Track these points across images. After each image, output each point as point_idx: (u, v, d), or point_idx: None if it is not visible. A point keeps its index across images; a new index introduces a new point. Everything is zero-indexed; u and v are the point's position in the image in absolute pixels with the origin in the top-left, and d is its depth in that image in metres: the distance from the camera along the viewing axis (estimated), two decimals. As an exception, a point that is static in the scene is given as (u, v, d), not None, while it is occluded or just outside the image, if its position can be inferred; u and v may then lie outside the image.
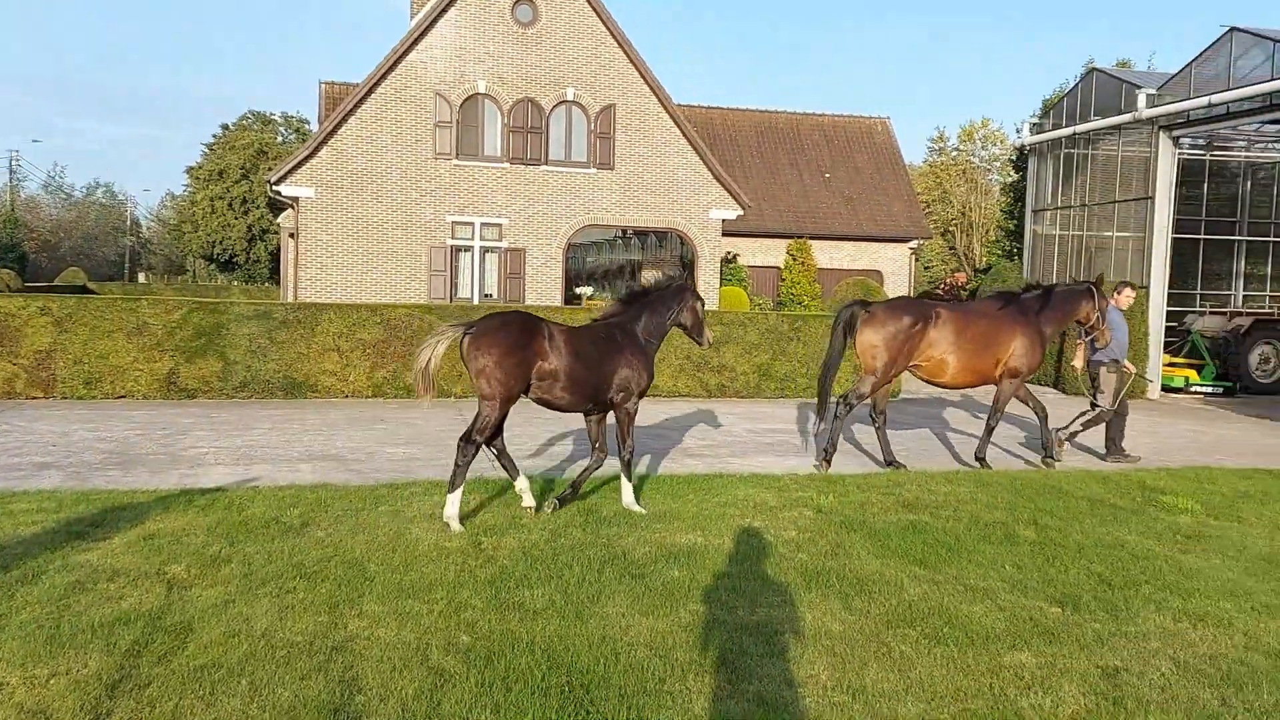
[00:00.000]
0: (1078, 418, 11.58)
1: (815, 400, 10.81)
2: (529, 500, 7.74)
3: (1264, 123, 20.72)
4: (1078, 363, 11.65)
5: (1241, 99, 17.33)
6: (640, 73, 24.44)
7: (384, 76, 23.19)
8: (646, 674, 4.61)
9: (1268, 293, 25.19)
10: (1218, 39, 18.03)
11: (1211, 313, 23.17)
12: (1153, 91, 19.36)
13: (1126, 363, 11.43)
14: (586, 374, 7.59)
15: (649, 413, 14.63)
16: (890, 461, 10.42)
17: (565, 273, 25.09)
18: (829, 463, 10.20)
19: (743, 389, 17.01)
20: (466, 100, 23.70)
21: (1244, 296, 25.04)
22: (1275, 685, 4.65)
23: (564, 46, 24.11)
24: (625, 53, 24.30)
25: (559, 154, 24.24)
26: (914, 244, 35.29)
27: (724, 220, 25.34)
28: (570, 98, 24.16)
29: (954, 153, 51.66)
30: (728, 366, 16.95)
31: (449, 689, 4.39)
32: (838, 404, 10.43)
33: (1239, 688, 4.63)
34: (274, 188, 23.30)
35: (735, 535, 7.19)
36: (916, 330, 10.17)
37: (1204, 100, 17.91)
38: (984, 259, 39.92)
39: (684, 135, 24.80)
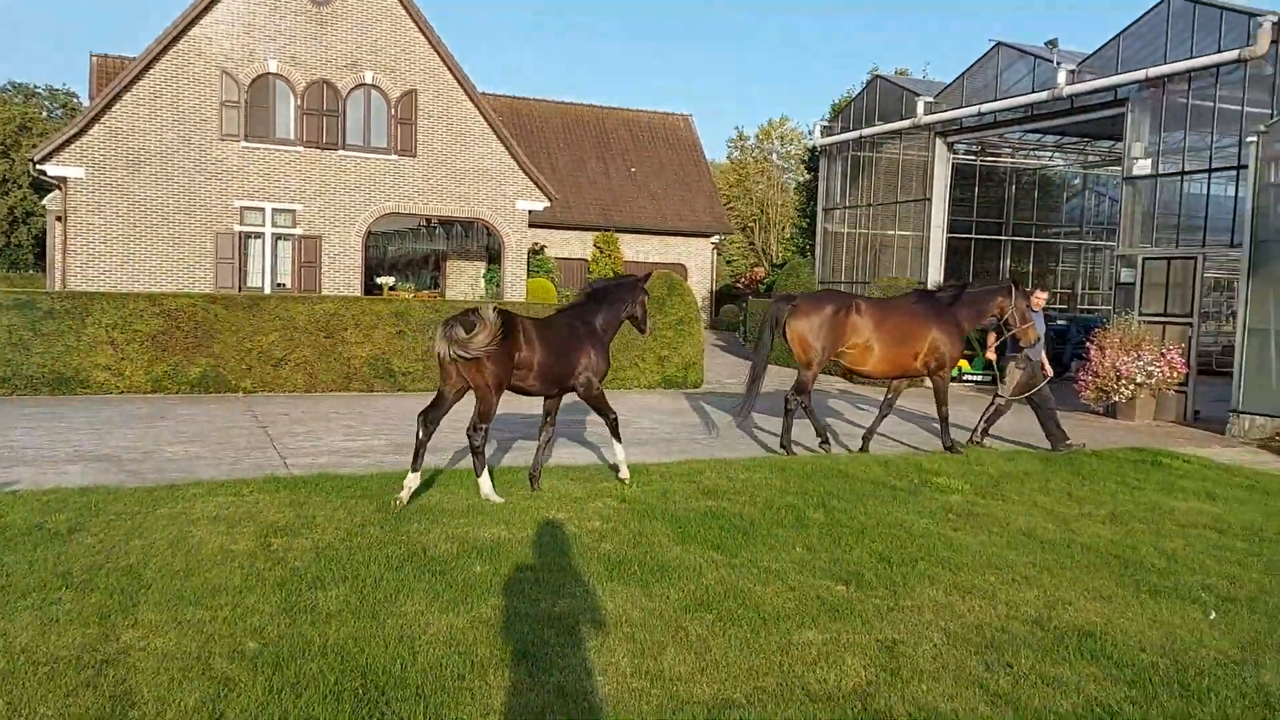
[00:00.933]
0: (981, 416, 12.39)
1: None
2: (493, 496, 8.00)
3: (1026, 131, 22.58)
4: (990, 354, 12.23)
5: (1006, 109, 18.81)
6: (442, 58, 23.96)
7: (164, 51, 21.71)
8: (445, 671, 4.53)
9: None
10: (986, 53, 19.50)
11: (981, 307, 25.07)
12: (930, 99, 20.72)
13: (1046, 364, 12.13)
14: (554, 363, 8.32)
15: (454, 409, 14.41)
16: (786, 445, 11.12)
17: (365, 262, 24.31)
18: (829, 443, 11.25)
19: (548, 381, 17.01)
20: (256, 80, 22.52)
21: (1009, 292, 27.23)
22: (1031, 650, 5.07)
23: (362, 28, 23.31)
24: (426, 37, 23.76)
25: (357, 139, 23.44)
26: (716, 239, 36.33)
27: (530, 211, 25.25)
28: (369, 81, 23.41)
29: (754, 151, 53.57)
30: (533, 358, 16.90)
31: (233, 698, 4.17)
32: (786, 403, 11.14)
33: (1000, 653, 5.02)
34: (38, 167, 21.39)
35: (540, 528, 7.18)
36: (840, 318, 10.89)
37: (974, 109, 19.33)
38: (780, 255, 41.57)
39: (489, 124, 24.52)
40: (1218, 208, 15.64)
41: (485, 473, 8.09)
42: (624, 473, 8.90)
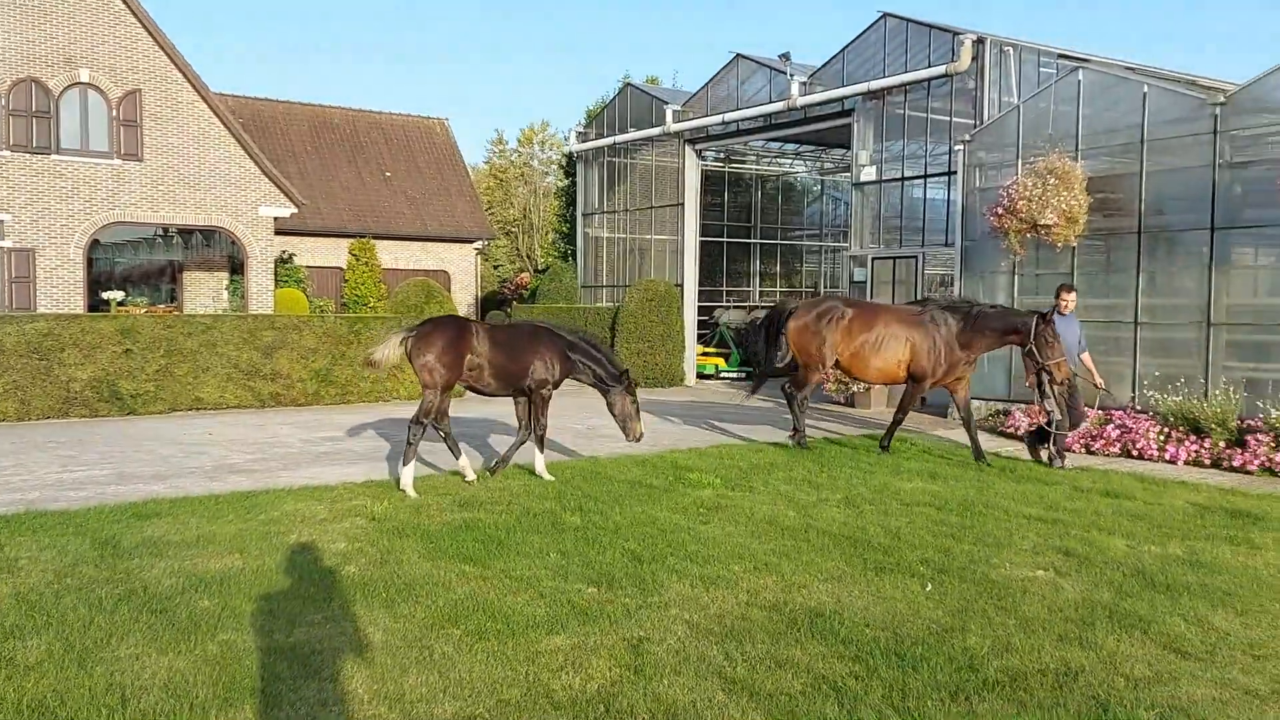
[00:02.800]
0: (1049, 443, 11.14)
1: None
2: (470, 475, 9.53)
3: (768, 139, 23.80)
4: (1029, 382, 11.17)
5: (747, 118, 19.72)
6: (170, 56, 22.34)
7: None
8: (158, 719, 4.17)
9: (778, 289, 28.97)
10: (727, 64, 20.37)
11: (734, 307, 26.22)
12: (678, 108, 21.41)
13: (1095, 372, 11.36)
14: (508, 364, 9.41)
15: (179, 428, 13.46)
16: (798, 436, 11.96)
17: (88, 276, 22.28)
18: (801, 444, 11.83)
19: (300, 397, 16.23)
20: (-50, 75, 20.13)
21: (760, 292, 28.59)
22: (767, 634, 5.29)
23: (75, 22, 21.34)
24: (150, 34, 22.07)
25: (74, 143, 21.44)
26: (479, 244, 35.95)
27: (276, 218, 23.99)
28: (85, 80, 21.47)
29: (513, 155, 53.49)
30: (282, 374, 16.07)
31: (-103, 779, 3.65)
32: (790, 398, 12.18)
33: (739, 641, 5.20)
34: None
35: (279, 554, 6.79)
36: (830, 323, 11.62)
37: (719, 118, 20.14)
38: (544, 260, 41.73)
39: (226, 127, 23.10)
40: (935, 210, 17.05)
41: (410, 465, 9.09)
42: (547, 475, 9.69)
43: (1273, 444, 10.89)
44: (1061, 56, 15.84)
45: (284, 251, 28.01)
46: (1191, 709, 4.32)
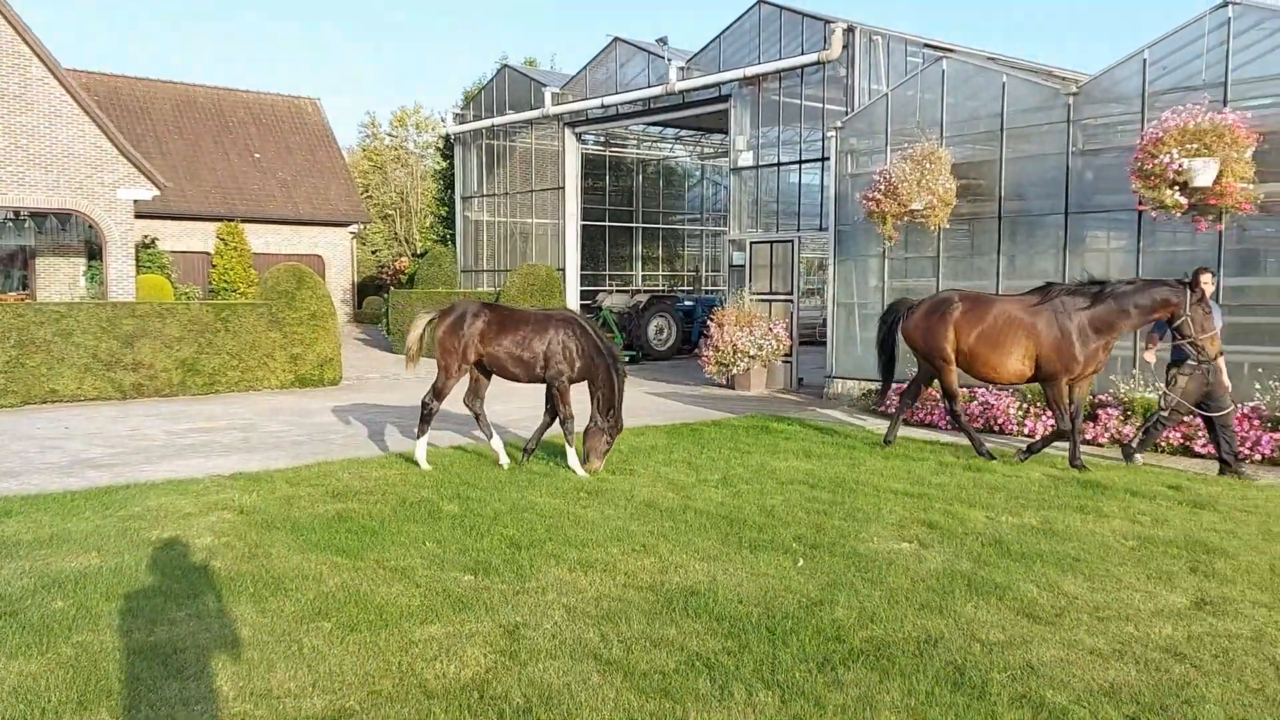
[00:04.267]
0: (1140, 428, 10.48)
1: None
2: (504, 459, 9.67)
3: (648, 124, 23.90)
4: (1149, 355, 10.23)
5: (626, 102, 19.75)
6: (16, 30, 21.02)
7: None
8: (5, 729, 3.97)
9: (660, 273, 29.20)
10: (605, 47, 20.35)
11: (617, 291, 26.30)
12: (557, 90, 21.29)
13: (1224, 375, 9.72)
14: (520, 351, 9.47)
15: (32, 422, 12.79)
16: (979, 447, 10.44)
17: (-71, 262, 20.84)
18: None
19: (164, 387, 15.56)
20: None
21: (642, 276, 28.76)
22: (642, 614, 5.35)
23: (-92, -12, 19.86)
24: (-4, 3, 20.71)
25: (-91, 119, 19.98)
26: (355, 228, 35.08)
27: (137, 201, 22.87)
28: (-78, 51, 20.01)
29: (387, 137, 52.26)
30: (145, 363, 15.38)
31: None
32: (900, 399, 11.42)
33: (616, 622, 5.24)
34: None
35: (139, 551, 6.52)
36: (941, 317, 10.44)
37: (598, 101, 20.12)
38: (422, 244, 40.98)
39: (79, 104, 21.87)
40: (810, 195, 17.44)
41: (423, 439, 9.61)
42: (580, 471, 9.34)
43: (1121, 417, 11.55)
44: (927, 46, 16.37)
45: (146, 236, 26.79)
46: (1040, 669, 4.57)
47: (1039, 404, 12.29)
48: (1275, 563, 6.25)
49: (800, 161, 17.17)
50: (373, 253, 45.42)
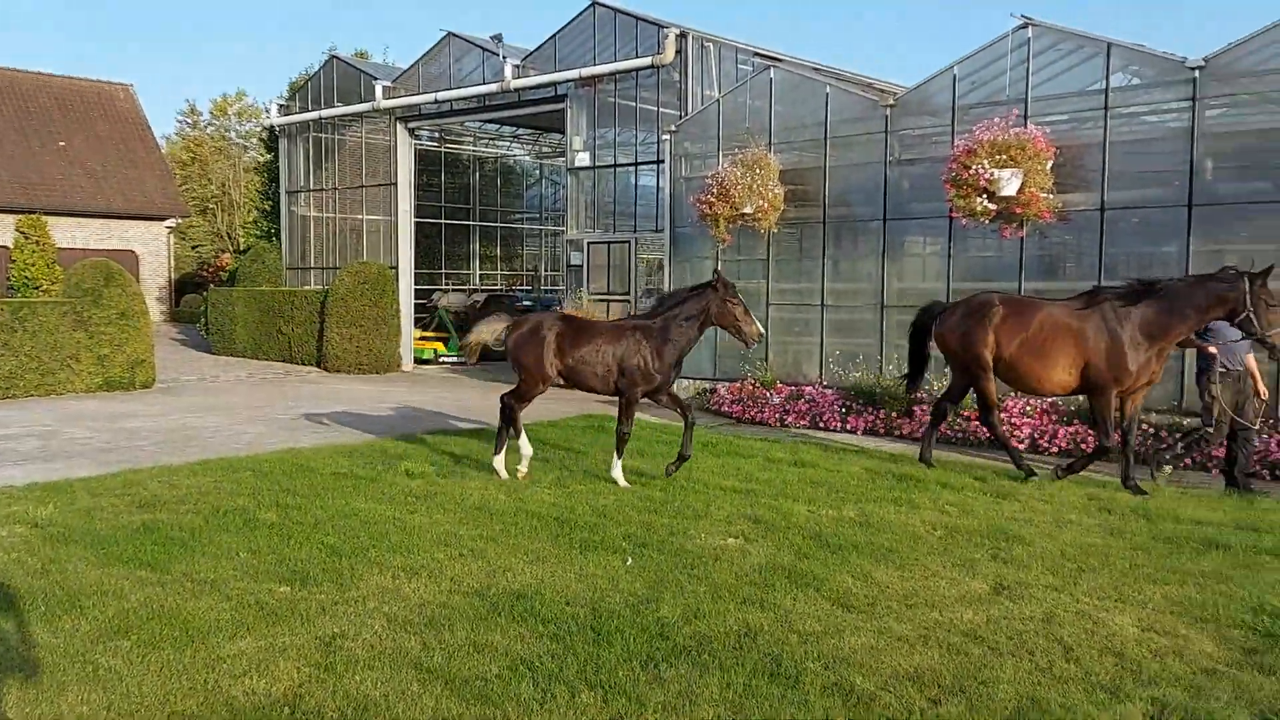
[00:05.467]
0: (1178, 443, 9.51)
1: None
2: (523, 467, 9.24)
3: (484, 121, 23.60)
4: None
5: (461, 98, 19.44)
6: None
7: None
8: None
9: (499, 272, 28.91)
10: (438, 42, 19.96)
11: (454, 290, 25.87)
12: (388, 84, 20.74)
13: (1259, 379, 9.11)
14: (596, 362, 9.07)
15: None
16: (1023, 468, 9.42)
17: None
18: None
19: (-49, 392, 14.29)
20: None
21: (480, 275, 28.39)
22: (468, 621, 5.25)
23: None
24: None
25: None
26: (172, 222, 33.21)
27: (-80, 190, 20.93)
28: None
29: (208, 127, 49.68)
30: (-73, 366, 14.08)
31: None
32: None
33: (439, 629, 5.13)
34: None
35: (-89, 571, 5.94)
36: (980, 321, 9.44)
37: (431, 96, 19.72)
38: (245, 240, 39.17)
39: None
40: (647, 196, 17.61)
41: (502, 451, 9.35)
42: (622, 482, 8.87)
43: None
44: (757, 55, 16.80)
45: (-68, 227, 24.55)
46: (852, 657, 4.74)
47: (860, 400, 12.83)
48: (1065, 548, 6.71)
49: (636, 164, 17.33)
50: (193, 248, 43.11)
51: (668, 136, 15.70)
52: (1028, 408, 11.48)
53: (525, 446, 9.40)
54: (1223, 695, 4.28)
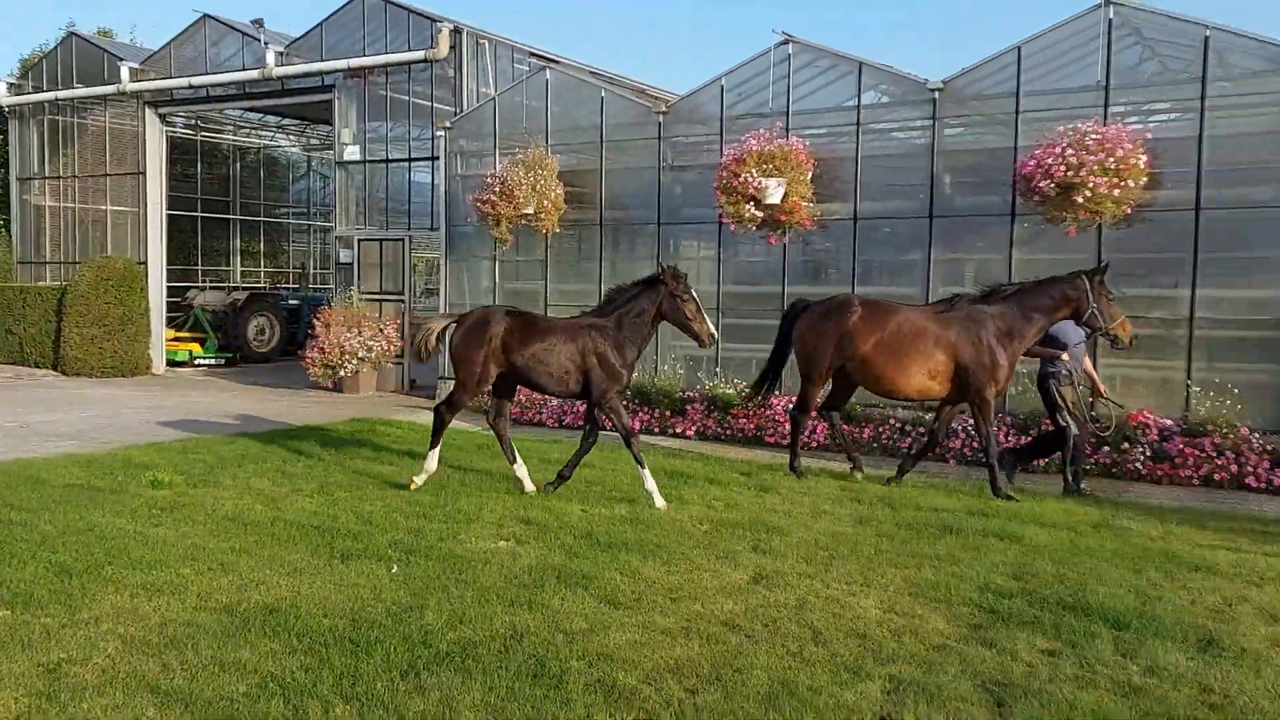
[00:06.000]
0: (1064, 460, 9.32)
1: None
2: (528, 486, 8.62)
3: (246, 109, 22.32)
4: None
5: (219, 84, 18.32)
6: None
7: None
8: None
9: (263, 269, 27.43)
10: (193, 23, 18.70)
11: (212, 288, 24.34)
12: (136, 66, 19.24)
13: (1096, 376, 9.67)
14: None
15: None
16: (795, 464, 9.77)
17: None
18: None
19: None
20: None
21: (241, 272, 26.83)
22: (214, 638, 4.91)
23: None
24: None
25: None
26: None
27: None
28: None
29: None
30: None
31: None
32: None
33: (182, 649, 4.77)
34: None
35: None
36: (834, 322, 9.26)
37: (185, 81, 18.45)
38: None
39: None
40: (421, 193, 17.21)
41: (435, 452, 8.78)
42: (658, 501, 8.11)
43: (705, 411, 12.57)
44: (533, 55, 16.80)
45: None
46: (616, 653, 4.78)
47: (635, 400, 13.06)
48: (819, 538, 7.08)
49: (410, 159, 16.90)
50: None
51: (442, 133, 15.41)
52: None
53: (520, 468, 8.82)
54: (951, 669, 4.62)
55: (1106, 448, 10.10)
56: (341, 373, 16.17)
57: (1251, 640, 5.06)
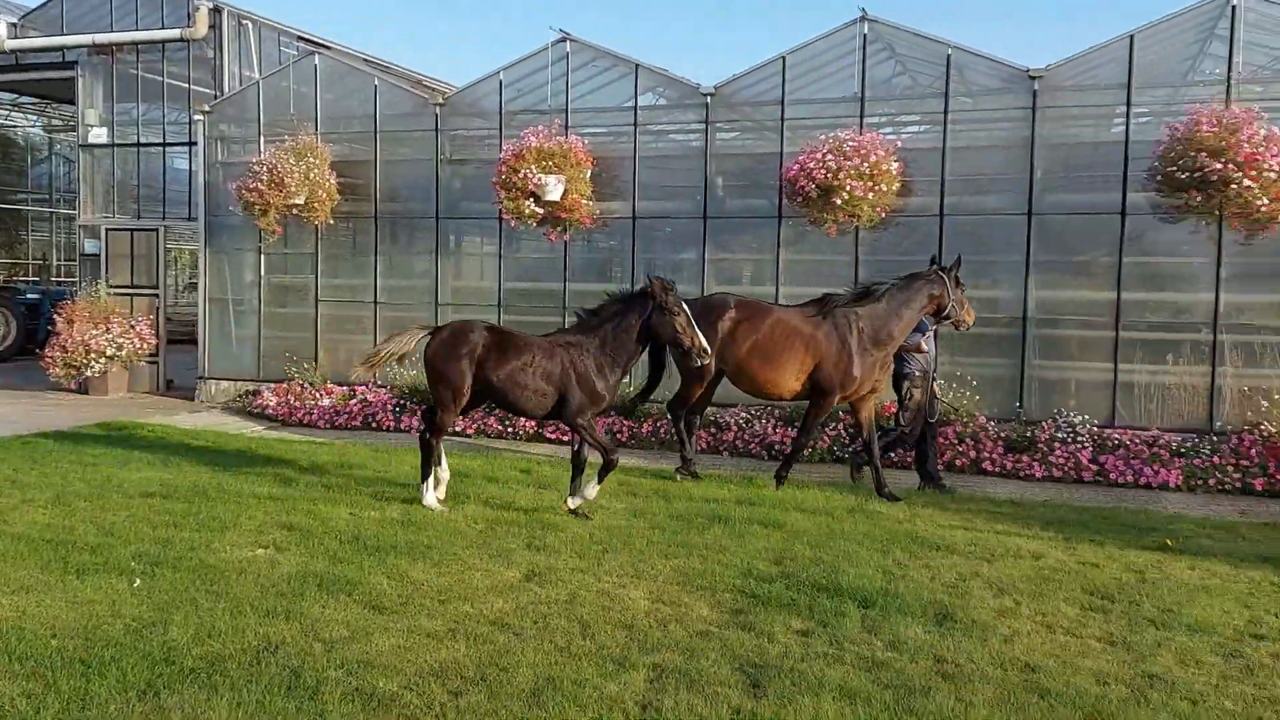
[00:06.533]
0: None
1: None
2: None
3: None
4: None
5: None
6: None
7: None
8: None
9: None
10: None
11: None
12: None
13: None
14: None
15: None
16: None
17: None
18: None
19: None
20: None
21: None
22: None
23: None
24: None
25: None
26: None
27: None
28: None
29: None
30: None
31: None
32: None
33: None
34: None
35: None
36: (711, 323, 8.89)
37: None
38: None
39: None
40: (179, 181, 16.06)
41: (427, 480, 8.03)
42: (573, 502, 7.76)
43: (486, 409, 12.41)
44: (302, 39, 16.05)
45: None
46: (377, 660, 4.62)
47: (415, 400, 12.73)
48: (594, 532, 7.13)
49: (165, 144, 15.75)
50: None
51: (201, 117, 14.47)
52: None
53: (444, 471, 8.18)
54: (712, 654, 4.76)
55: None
56: (88, 373, 14.87)
57: (981, 612, 5.51)
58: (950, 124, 11.39)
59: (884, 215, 10.99)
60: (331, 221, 13.64)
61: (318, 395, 13.34)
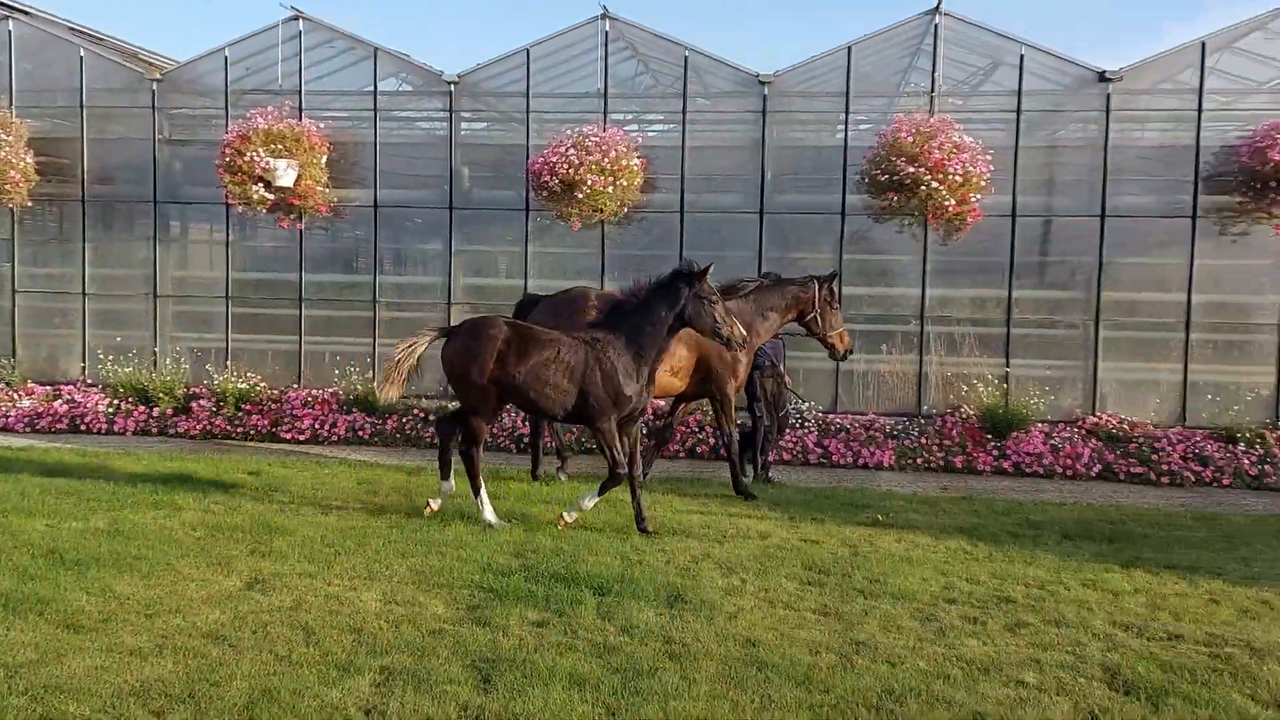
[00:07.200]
0: (756, 451, 9.55)
1: None
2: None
3: None
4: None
5: None
6: None
7: None
8: None
9: None
10: None
11: None
12: None
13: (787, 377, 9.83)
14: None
15: None
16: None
17: None
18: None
19: None
20: None
21: None
22: None
23: None
24: None
25: None
26: None
27: None
28: None
29: None
30: None
31: None
32: None
33: None
34: None
35: None
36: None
37: None
38: None
39: None
40: None
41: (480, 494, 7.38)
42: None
43: (214, 408, 11.63)
44: (-4, 1, 14.37)
45: None
46: (69, 683, 4.17)
47: (131, 398, 11.71)
48: (327, 534, 6.81)
49: None
50: None
51: None
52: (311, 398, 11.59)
53: (450, 484, 7.58)
54: (444, 653, 4.66)
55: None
56: None
57: (710, 592, 5.72)
58: (689, 124, 11.79)
59: (628, 211, 11.22)
60: (29, 204, 12.31)
61: (15, 396, 12.02)
